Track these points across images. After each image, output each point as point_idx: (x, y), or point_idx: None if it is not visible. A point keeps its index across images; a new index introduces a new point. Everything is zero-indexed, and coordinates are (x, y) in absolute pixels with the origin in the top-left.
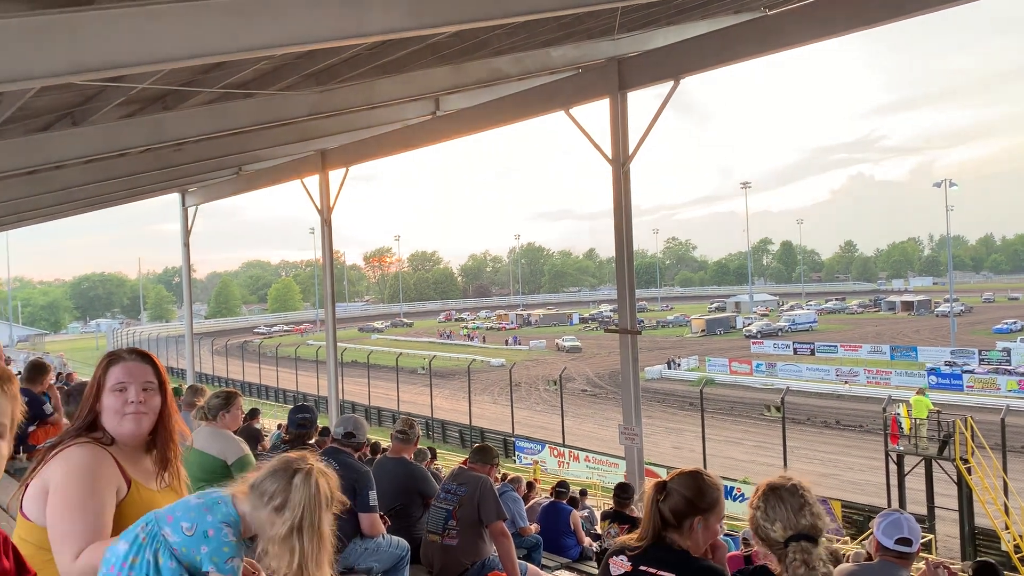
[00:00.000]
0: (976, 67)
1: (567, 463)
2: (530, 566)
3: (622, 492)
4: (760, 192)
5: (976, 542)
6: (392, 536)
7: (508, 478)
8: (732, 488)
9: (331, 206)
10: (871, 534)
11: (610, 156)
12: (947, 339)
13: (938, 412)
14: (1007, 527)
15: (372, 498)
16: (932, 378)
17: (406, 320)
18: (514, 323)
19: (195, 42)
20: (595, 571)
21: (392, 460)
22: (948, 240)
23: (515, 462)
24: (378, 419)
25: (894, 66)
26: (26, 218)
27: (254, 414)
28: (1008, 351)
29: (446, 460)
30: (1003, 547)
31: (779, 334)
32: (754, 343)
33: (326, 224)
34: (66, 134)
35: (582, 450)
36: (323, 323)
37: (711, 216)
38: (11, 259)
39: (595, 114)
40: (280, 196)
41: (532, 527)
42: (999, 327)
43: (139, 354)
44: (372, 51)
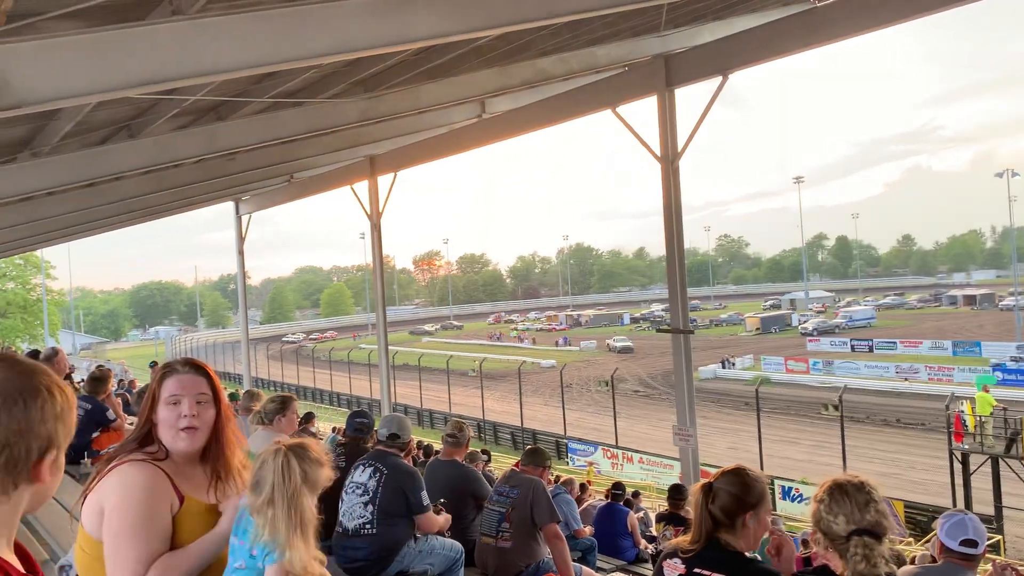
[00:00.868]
0: None
1: (620, 465)
2: (584, 568)
3: (676, 494)
4: (813, 186)
5: None
6: (446, 538)
7: (561, 480)
8: (790, 489)
9: (380, 211)
10: (935, 535)
11: (659, 154)
12: (1012, 334)
13: (1004, 409)
14: None
15: (424, 498)
16: (997, 374)
17: (456, 323)
18: (564, 324)
19: (245, 53)
20: (650, 574)
21: (444, 463)
22: (1012, 231)
23: (568, 464)
24: (430, 421)
25: (951, 53)
26: (86, 229)
27: (309, 418)
28: None
29: (498, 462)
30: None
31: (836, 331)
32: (810, 341)
33: (375, 229)
34: (123, 146)
35: (636, 451)
36: (374, 327)
37: (763, 212)
38: (73, 269)
39: (643, 112)
40: (331, 202)
41: (586, 529)
42: None
43: (193, 366)
44: (418, 56)
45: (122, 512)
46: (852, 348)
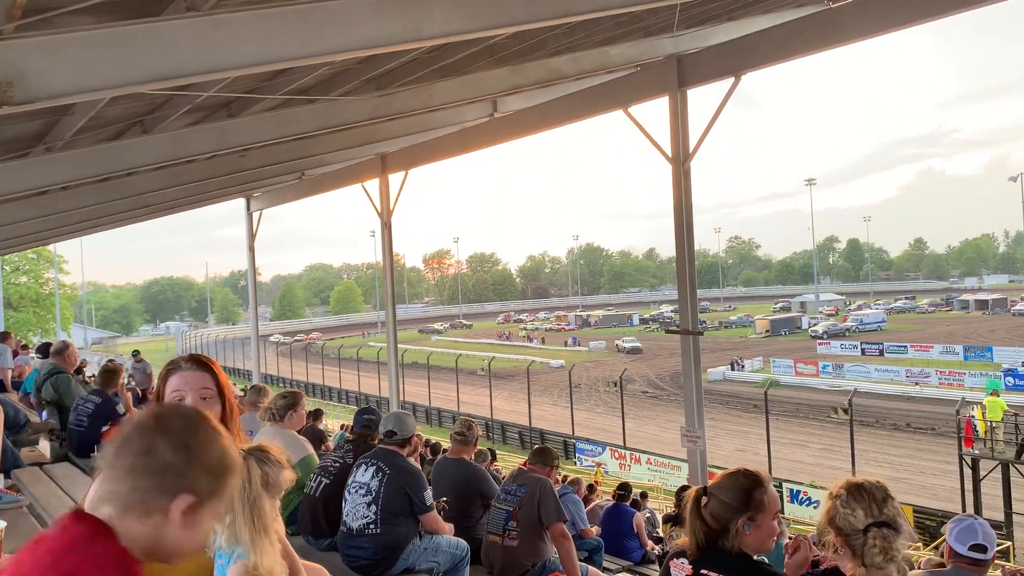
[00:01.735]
0: None
1: (628, 465)
2: (591, 568)
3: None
4: (825, 189)
5: None
6: (451, 536)
7: (568, 480)
8: (798, 492)
9: (391, 209)
10: (944, 540)
11: (670, 154)
12: None
13: (1015, 415)
14: None
15: (427, 498)
16: (1009, 379)
17: (465, 321)
18: (573, 324)
19: (259, 50)
20: (657, 574)
21: (452, 461)
22: None
23: (576, 464)
24: (439, 420)
25: (966, 55)
26: (98, 224)
27: (318, 415)
28: None
29: (505, 462)
30: None
31: (846, 334)
32: (820, 343)
33: (386, 227)
34: (137, 142)
35: (644, 452)
36: (384, 325)
37: (774, 214)
38: (85, 264)
39: (654, 112)
40: (341, 200)
41: (593, 529)
42: None
43: (197, 362)
44: (431, 54)
45: None
46: (862, 352)
